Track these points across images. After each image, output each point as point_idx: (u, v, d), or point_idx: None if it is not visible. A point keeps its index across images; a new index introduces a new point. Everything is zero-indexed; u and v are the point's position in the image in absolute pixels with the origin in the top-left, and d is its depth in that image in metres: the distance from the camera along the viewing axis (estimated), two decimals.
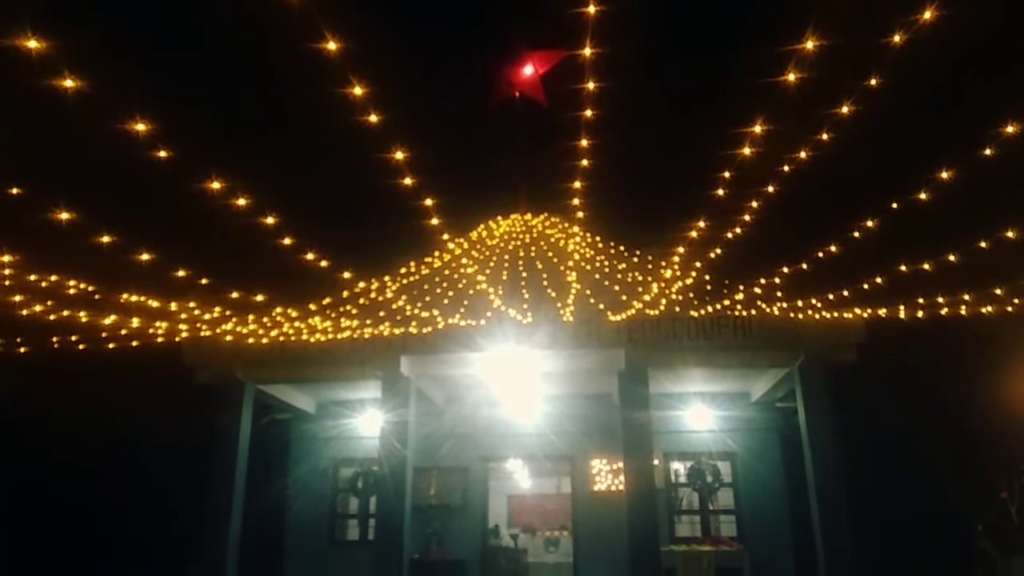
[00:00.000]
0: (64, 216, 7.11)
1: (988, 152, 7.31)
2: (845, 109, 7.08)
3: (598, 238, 14.44)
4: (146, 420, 12.80)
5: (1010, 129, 6.91)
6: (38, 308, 9.71)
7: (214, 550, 10.80)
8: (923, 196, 8.28)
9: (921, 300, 10.66)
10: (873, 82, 6.57)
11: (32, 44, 4.77)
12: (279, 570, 13.55)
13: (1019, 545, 10.24)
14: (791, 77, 6.13)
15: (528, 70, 13.49)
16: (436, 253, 13.97)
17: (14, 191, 6.68)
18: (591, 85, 6.50)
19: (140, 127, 5.95)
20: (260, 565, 12.83)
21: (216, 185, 7.15)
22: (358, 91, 5.93)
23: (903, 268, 10.34)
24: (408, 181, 7.71)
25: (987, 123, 7.16)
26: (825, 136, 7.66)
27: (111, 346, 11.22)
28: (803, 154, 8.08)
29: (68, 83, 5.15)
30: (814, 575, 10.37)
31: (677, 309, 11.41)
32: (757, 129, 7.23)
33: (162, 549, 11.97)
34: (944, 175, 7.90)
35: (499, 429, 13.99)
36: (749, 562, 12.17)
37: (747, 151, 7.61)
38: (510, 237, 14.62)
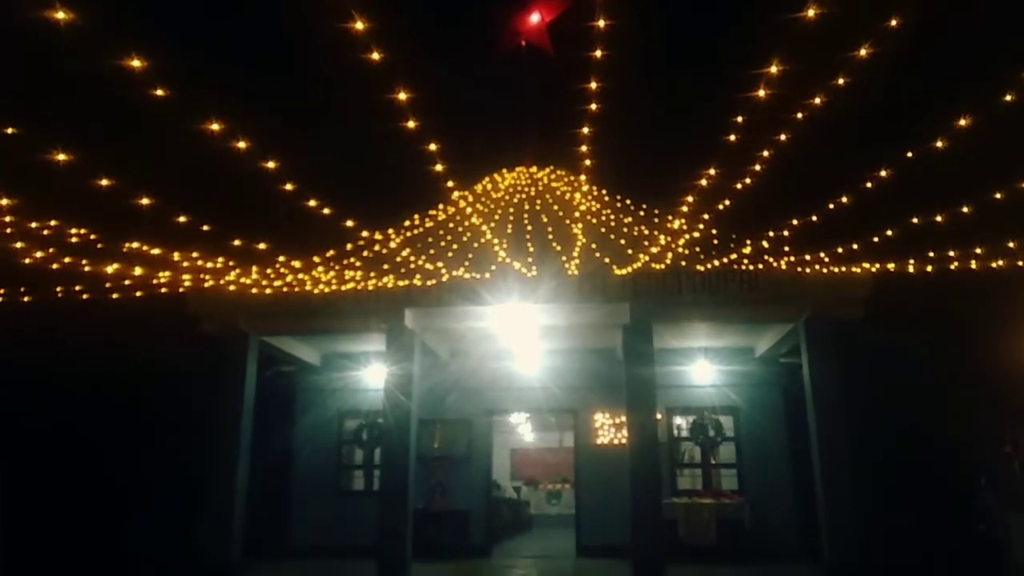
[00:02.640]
0: (61, 157, 6.96)
1: (1009, 99, 7.10)
2: (863, 52, 6.86)
3: (604, 191, 14.27)
4: (152, 371, 12.83)
5: None
6: (39, 255, 9.62)
7: (221, 501, 10.91)
8: (939, 145, 8.08)
9: (930, 254, 10.51)
10: (892, 23, 6.35)
11: None
12: (286, 520, 13.74)
13: (1022, 500, 10.28)
14: (810, 13, 5.92)
15: (534, 18, 13.15)
16: (441, 205, 13.83)
17: (9, 131, 6.53)
18: (601, 23, 6.30)
19: (135, 63, 5.78)
20: (267, 515, 13.00)
21: (215, 127, 6.99)
22: (359, 26, 5.74)
23: (914, 221, 10.16)
24: (411, 124, 7.53)
25: (1009, 68, 6.95)
26: (841, 81, 7.45)
27: (115, 296, 11.16)
28: (817, 100, 7.87)
29: (60, 15, 4.98)
30: (815, 528, 10.45)
31: (683, 263, 11.30)
32: (773, 70, 7.01)
33: (169, 500, 12.08)
34: (962, 123, 7.68)
35: (503, 383, 14.04)
36: (750, 514, 12.27)
37: (761, 93, 7.38)
38: (515, 190, 14.45)
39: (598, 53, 6.90)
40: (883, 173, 9.23)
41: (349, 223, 10.76)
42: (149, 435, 12.92)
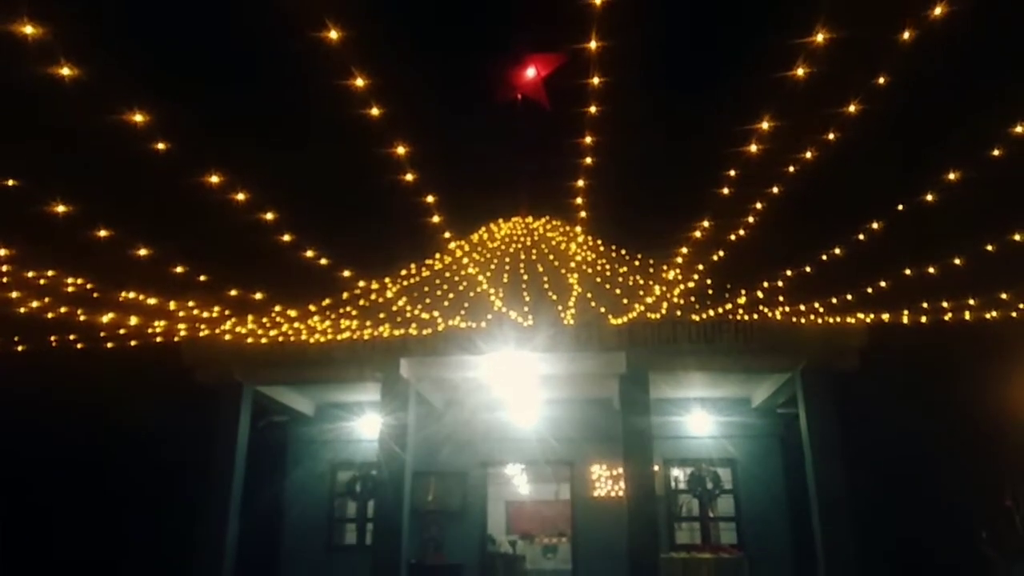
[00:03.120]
0: (61, 209, 7.02)
1: (997, 153, 7.24)
2: (852, 108, 7.02)
3: (599, 241, 14.38)
4: (143, 421, 12.69)
5: (1020, 129, 6.84)
6: (35, 305, 9.61)
7: (211, 554, 10.68)
8: (929, 198, 8.21)
9: (925, 305, 10.56)
10: (881, 80, 6.51)
11: (28, 30, 4.70)
12: (277, 574, 13.42)
13: (1023, 553, 10.13)
14: (800, 72, 6.07)
15: (530, 72, 13.42)
16: (437, 254, 13.90)
17: (10, 183, 6.60)
18: (595, 80, 6.44)
19: (138, 118, 5.87)
20: (257, 569, 12.70)
21: (215, 179, 7.07)
22: (360, 83, 5.87)
23: (907, 272, 10.24)
24: (409, 177, 7.63)
25: (996, 123, 7.10)
26: (831, 135, 7.60)
27: (109, 345, 11.12)
28: (808, 154, 8.01)
29: (65, 71, 5.07)
30: None
31: (678, 313, 11.34)
32: (764, 125, 7.15)
33: (158, 552, 11.84)
34: (952, 176, 7.82)
35: (498, 433, 13.89)
36: (749, 569, 12.04)
37: (753, 148, 7.52)
38: (511, 239, 14.56)
39: (592, 109, 7.05)
40: (875, 225, 9.34)
41: (346, 273, 10.79)
42: (138, 486, 12.72)
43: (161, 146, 6.25)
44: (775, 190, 9.07)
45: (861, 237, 9.69)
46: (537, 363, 11.07)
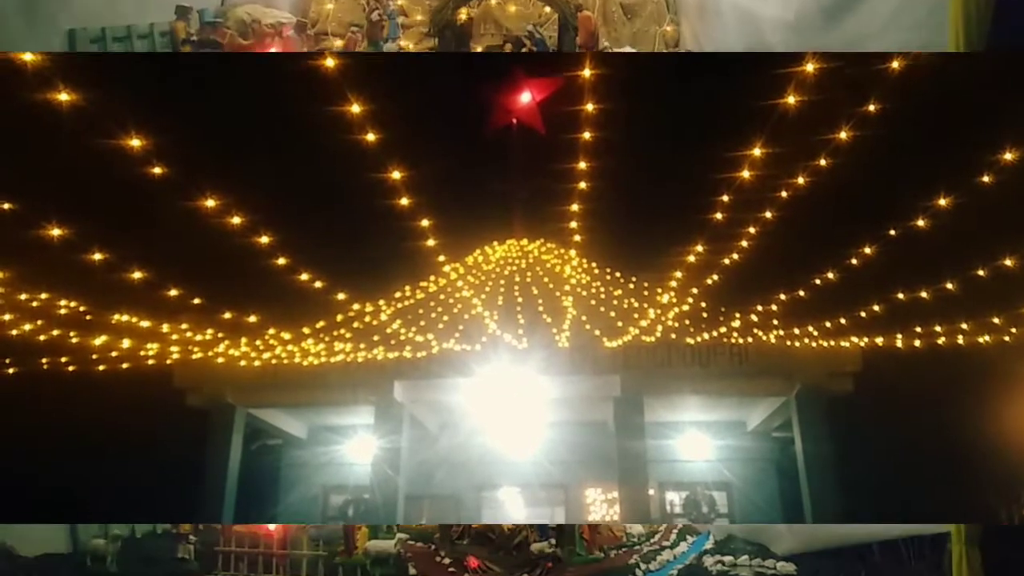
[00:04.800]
0: (56, 232, 7.03)
1: (987, 179, 7.33)
2: (844, 135, 7.11)
3: (594, 264, 14.38)
4: (134, 444, 12.57)
5: (1008, 156, 6.94)
6: (27, 327, 9.57)
7: None
8: (921, 223, 8.29)
9: (918, 329, 10.61)
10: (872, 108, 6.60)
11: (27, 57, 4.75)
12: None
13: None
14: (791, 100, 6.15)
15: (526, 97, 13.50)
16: (432, 277, 13.87)
17: (5, 206, 6.61)
18: (590, 107, 6.52)
19: (135, 143, 5.91)
20: None
21: (210, 203, 7.10)
22: (356, 108, 5.92)
23: (900, 296, 10.30)
24: (405, 201, 7.68)
25: (986, 150, 7.20)
26: (823, 161, 7.68)
27: (101, 368, 11.05)
28: (801, 179, 8.09)
29: (63, 96, 5.11)
30: None
31: (673, 336, 11.36)
32: (756, 152, 7.24)
33: None
34: (943, 202, 7.91)
35: (492, 457, 13.78)
36: None
37: (746, 174, 7.60)
38: (506, 262, 14.55)
39: (587, 135, 7.12)
40: (867, 250, 9.42)
41: (340, 295, 10.80)
42: (129, 511, 12.57)
43: (157, 170, 6.29)
44: (768, 214, 9.16)
45: (854, 261, 9.76)
46: (531, 386, 11.06)
